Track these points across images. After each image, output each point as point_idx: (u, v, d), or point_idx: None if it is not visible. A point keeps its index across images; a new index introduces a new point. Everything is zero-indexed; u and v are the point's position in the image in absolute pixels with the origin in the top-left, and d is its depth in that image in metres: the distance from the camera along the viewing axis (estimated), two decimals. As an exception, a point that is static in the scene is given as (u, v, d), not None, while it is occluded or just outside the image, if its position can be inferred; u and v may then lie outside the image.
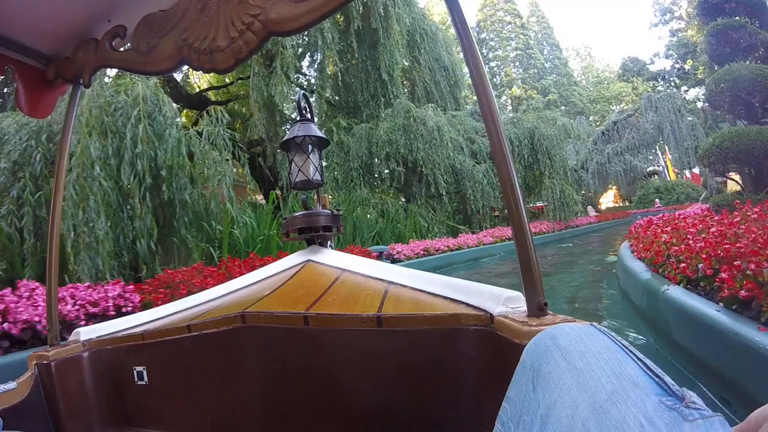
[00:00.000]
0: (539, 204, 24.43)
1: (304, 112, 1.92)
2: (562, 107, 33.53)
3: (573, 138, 19.56)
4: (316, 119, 20.02)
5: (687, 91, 24.08)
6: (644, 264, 3.95)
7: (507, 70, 51.29)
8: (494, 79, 48.80)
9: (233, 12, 1.19)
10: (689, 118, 21.42)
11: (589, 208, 23.46)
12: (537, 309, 0.96)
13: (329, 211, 1.83)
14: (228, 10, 1.20)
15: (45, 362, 1.42)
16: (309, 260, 1.75)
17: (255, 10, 1.17)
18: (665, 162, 37.20)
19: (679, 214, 7.08)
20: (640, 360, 0.56)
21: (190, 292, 3.95)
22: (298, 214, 1.81)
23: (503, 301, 1.06)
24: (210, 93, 20.02)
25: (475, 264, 11.19)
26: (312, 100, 17.93)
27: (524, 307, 1.01)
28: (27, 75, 1.51)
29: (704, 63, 31.05)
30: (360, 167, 15.04)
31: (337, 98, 17.69)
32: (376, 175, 15.50)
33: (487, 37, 52.91)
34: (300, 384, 1.29)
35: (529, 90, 43.05)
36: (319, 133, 1.86)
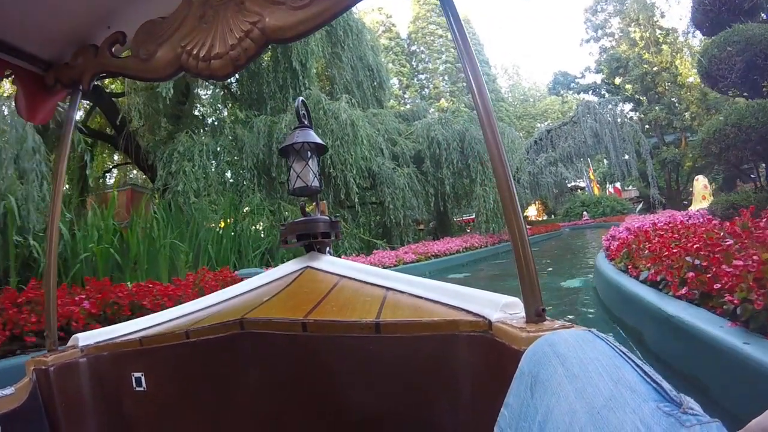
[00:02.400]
0: (466, 217, 21.65)
1: (303, 118, 1.95)
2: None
3: (507, 144, 17.16)
4: (203, 108, 16.69)
5: (616, 105, 22.68)
6: (726, 319, 2.28)
7: (436, 83, 51.92)
8: (423, 92, 47.51)
9: (232, 19, 1.22)
10: (630, 126, 19.45)
11: None
12: (535, 315, 0.96)
13: (328, 218, 1.87)
14: (227, 17, 1.23)
15: (43, 368, 1.41)
16: (307, 266, 1.78)
17: (253, 17, 1.19)
18: (589, 176, 38.05)
19: (681, 221, 5.94)
20: (638, 366, 0.57)
21: None
22: (297, 220, 1.86)
23: (501, 308, 1.07)
24: (106, 81, 16.38)
25: (390, 288, 8.03)
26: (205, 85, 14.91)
27: (522, 313, 1.01)
28: (26, 80, 1.50)
29: (634, 79, 30.66)
30: (255, 167, 13.20)
31: (238, 87, 16.26)
32: (273, 176, 13.56)
33: (418, 50, 53.24)
34: (298, 390, 1.33)
35: (456, 103, 41.60)
36: (318, 140, 1.90)
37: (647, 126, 32.99)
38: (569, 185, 34.72)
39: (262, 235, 11.02)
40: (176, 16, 1.29)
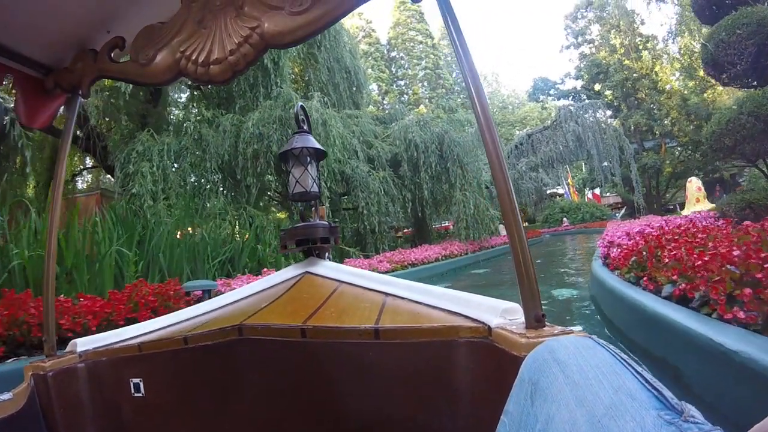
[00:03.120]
0: (445, 223, 20.93)
1: (302, 123, 1.97)
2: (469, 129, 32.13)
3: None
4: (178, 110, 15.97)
5: (599, 108, 22.43)
6: None
7: (415, 89, 51.67)
8: (402, 98, 47.68)
9: (231, 24, 1.23)
10: (614, 129, 19.02)
11: (501, 227, 20.62)
12: (535, 321, 0.97)
13: (327, 223, 1.89)
14: (226, 22, 1.24)
15: (41, 373, 1.44)
16: (307, 272, 1.79)
17: (252, 22, 1.20)
18: (567, 183, 38.49)
19: (694, 223, 5.20)
20: (638, 373, 0.57)
21: None
22: (297, 225, 1.87)
23: (501, 313, 1.08)
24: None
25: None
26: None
27: (522, 319, 1.02)
28: (26, 85, 1.52)
29: (614, 85, 30.89)
30: (219, 169, 12.47)
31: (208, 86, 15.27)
32: (239, 179, 12.69)
33: (397, 56, 53.12)
34: (297, 396, 1.35)
35: (435, 109, 41.62)
36: (317, 145, 1.92)
37: (628, 132, 32.86)
38: (548, 192, 34.62)
39: (225, 243, 9.97)
40: (175, 21, 1.30)
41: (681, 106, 28.80)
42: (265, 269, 8.33)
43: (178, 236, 8.74)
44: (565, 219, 34.14)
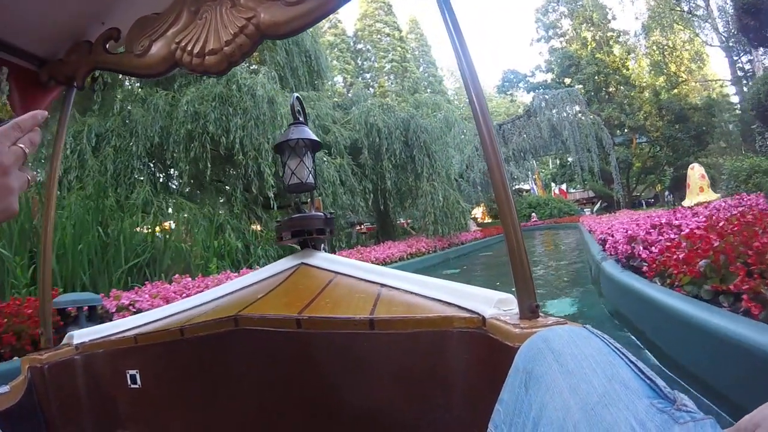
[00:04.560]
0: (401, 221, 19.54)
1: (297, 115, 1.96)
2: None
3: (458, 138, 15.54)
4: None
5: (577, 96, 21.66)
6: None
7: (381, 82, 50.61)
8: (368, 90, 45.27)
9: (226, 15, 1.24)
10: (593, 120, 17.98)
11: (471, 222, 19.60)
12: (529, 311, 0.98)
13: (323, 214, 1.89)
14: (221, 13, 1.25)
15: (38, 366, 1.45)
16: (302, 263, 1.80)
17: (248, 13, 1.20)
18: (534, 178, 38.92)
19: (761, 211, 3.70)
20: (632, 363, 0.57)
21: None
22: (293, 216, 1.88)
23: (495, 304, 1.08)
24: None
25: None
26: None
27: (516, 310, 1.03)
28: (20, 77, 1.51)
29: (585, 78, 30.81)
30: (147, 153, 10.76)
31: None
32: (170, 165, 11.43)
33: (364, 48, 52.16)
34: (292, 387, 1.38)
35: (402, 102, 40.80)
36: (313, 136, 1.91)
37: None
38: (514, 187, 34.24)
39: (146, 241, 8.22)
40: (170, 11, 1.32)
41: (653, 101, 28.38)
42: (177, 275, 6.50)
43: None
44: (533, 214, 34.73)
